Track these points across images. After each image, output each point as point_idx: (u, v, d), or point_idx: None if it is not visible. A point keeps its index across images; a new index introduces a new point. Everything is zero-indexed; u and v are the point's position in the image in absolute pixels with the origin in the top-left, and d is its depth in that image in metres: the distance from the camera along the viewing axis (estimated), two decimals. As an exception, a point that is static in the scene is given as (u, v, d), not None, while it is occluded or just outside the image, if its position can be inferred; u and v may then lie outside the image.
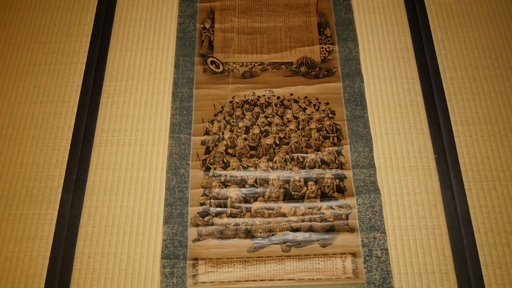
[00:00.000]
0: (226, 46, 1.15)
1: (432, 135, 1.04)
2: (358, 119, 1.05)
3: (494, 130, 1.04)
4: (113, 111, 1.07)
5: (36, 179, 1.01)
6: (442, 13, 1.19)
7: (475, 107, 1.07)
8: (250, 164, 1.00)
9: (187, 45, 1.14)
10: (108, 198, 0.98)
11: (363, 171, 0.99)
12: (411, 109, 1.07)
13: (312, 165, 1.00)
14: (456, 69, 1.11)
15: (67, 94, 1.10)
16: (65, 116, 1.07)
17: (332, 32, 1.16)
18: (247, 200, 0.97)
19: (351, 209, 0.96)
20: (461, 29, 1.16)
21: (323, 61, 1.12)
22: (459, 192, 0.97)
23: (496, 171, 1.00)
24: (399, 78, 1.10)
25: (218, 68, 1.12)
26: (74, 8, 1.21)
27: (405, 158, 1.01)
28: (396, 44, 1.15)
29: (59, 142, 1.04)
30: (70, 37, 1.17)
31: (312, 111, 1.06)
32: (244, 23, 1.18)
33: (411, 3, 1.20)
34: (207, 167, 1.00)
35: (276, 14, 1.19)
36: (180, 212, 0.96)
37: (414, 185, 0.99)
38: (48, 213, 0.97)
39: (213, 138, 1.03)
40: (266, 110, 1.07)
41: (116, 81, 1.11)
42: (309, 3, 1.21)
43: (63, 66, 1.13)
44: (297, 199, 0.97)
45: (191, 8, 1.20)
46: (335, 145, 1.02)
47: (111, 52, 1.15)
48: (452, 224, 0.94)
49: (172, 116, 1.06)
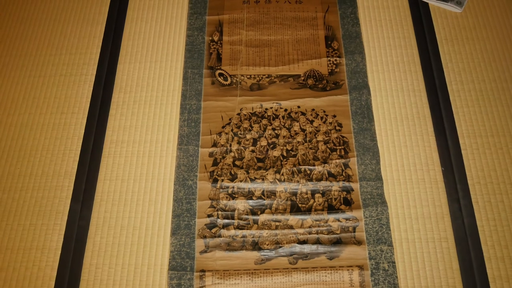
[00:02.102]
0: (234, 59, 1.16)
1: (439, 147, 1.04)
2: (365, 131, 1.05)
3: (501, 143, 1.04)
4: (122, 123, 1.08)
5: (45, 190, 1.01)
6: (448, 26, 1.19)
7: (482, 119, 1.07)
8: (258, 176, 1.01)
9: (196, 57, 1.15)
10: (116, 209, 0.99)
11: (370, 184, 0.99)
12: (418, 122, 1.07)
13: (319, 178, 1.00)
14: (463, 82, 1.11)
15: (77, 106, 1.11)
16: (75, 127, 1.08)
17: (339, 45, 1.17)
18: (254, 212, 0.97)
19: (358, 222, 0.96)
20: (467, 42, 1.17)
21: (330, 73, 1.13)
22: (466, 205, 0.97)
23: (504, 184, 0.99)
24: (406, 91, 1.11)
25: (226, 81, 1.12)
26: (84, 21, 1.23)
27: (412, 170, 1.02)
28: (403, 57, 1.15)
29: (68, 153, 1.05)
30: (80, 49, 1.18)
31: (319, 124, 1.07)
32: (252, 36, 1.19)
33: (418, 16, 1.20)
34: (214, 178, 1.01)
35: (284, 27, 1.20)
36: (187, 224, 0.96)
37: (421, 197, 0.99)
38: (57, 224, 0.98)
39: (221, 150, 1.04)
40: (274, 123, 1.07)
41: (125, 93, 1.12)
42: (317, 16, 1.21)
43: (73, 78, 1.14)
44: (304, 211, 0.97)
45: (199, 21, 1.21)
46: (342, 157, 1.03)
47: (120, 64, 1.16)
48: (459, 237, 0.94)
49: (180, 128, 1.06)
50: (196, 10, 1.23)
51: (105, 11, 1.24)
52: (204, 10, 1.23)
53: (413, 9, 1.22)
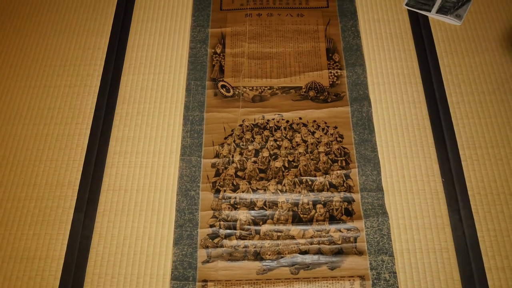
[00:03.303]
0: (236, 71, 1.17)
1: (439, 158, 1.04)
2: (366, 143, 1.06)
3: (501, 154, 1.05)
4: (125, 134, 1.09)
5: (49, 200, 1.02)
6: (448, 39, 1.20)
7: (482, 131, 1.07)
8: (259, 187, 1.02)
9: (199, 69, 1.17)
10: (119, 219, 0.99)
11: (371, 194, 1.00)
12: (419, 133, 1.08)
13: (321, 188, 1.01)
14: (463, 94, 1.12)
15: (81, 116, 1.12)
16: (78, 137, 1.09)
17: (340, 58, 1.18)
18: (256, 223, 0.98)
19: (359, 232, 0.96)
20: (467, 55, 1.18)
21: (331, 85, 1.14)
22: (466, 215, 0.98)
23: (504, 195, 1.00)
24: (407, 103, 1.12)
25: (228, 92, 1.14)
26: (89, 33, 1.24)
27: (412, 181, 1.02)
28: (403, 69, 1.16)
29: (72, 163, 1.06)
30: (85, 61, 1.20)
31: (320, 135, 1.07)
32: (254, 48, 1.20)
33: (417, 29, 1.22)
34: (217, 189, 1.02)
35: (286, 39, 1.22)
36: (190, 234, 0.97)
37: (422, 208, 0.99)
38: (60, 233, 0.98)
39: (223, 160, 1.05)
40: (275, 134, 1.08)
41: (128, 104, 1.13)
42: (318, 29, 1.23)
43: (77, 89, 1.16)
44: (306, 221, 0.98)
45: (202, 33, 1.22)
46: (343, 168, 1.03)
47: (124, 76, 1.17)
48: (460, 247, 0.95)
49: (183, 139, 1.07)
50: (199, 23, 1.24)
51: (110, 24, 1.25)
52: (207, 23, 1.24)
53: (413, 22, 1.23)
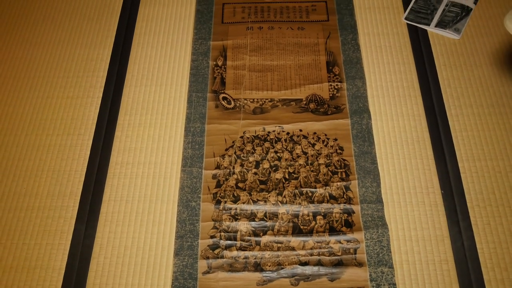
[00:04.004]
0: (237, 83, 1.18)
1: (439, 171, 1.05)
2: (366, 155, 1.07)
3: (499, 166, 1.05)
4: (127, 145, 1.10)
5: (50, 210, 1.02)
6: (447, 52, 1.21)
7: (481, 144, 1.08)
8: (260, 198, 1.02)
9: (200, 81, 1.18)
10: (120, 229, 1.00)
11: (371, 206, 1.01)
12: (418, 146, 1.08)
13: (321, 200, 1.02)
14: (462, 107, 1.13)
15: (83, 127, 1.13)
16: (80, 148, 1.10)
17: (341, 70, 1.19)
18: (257, 234, 0.98)
19: (359, 244, 0.97)
20: (465, 68, 1.19)
21: (331, 98, 1.15)
22: (465, 227, 0.98)
23: (503, 207, 1.00)
24: (406, 115, 1.12)
25: (229, 104, 1.14)
26: (92, 45, 1.25)
27: (412, 193, 1.03)
28: (403, 82, 1.17)
29: (74, 174, 1.07)
30: (87, 72, 1.21)
31: (320, 147, 1.08)
32: (255, 61, 1.22)
33: (417, 42, 1.23)
34: (217, 200, 1.02)
35: (286, 52, 1.23)
36: (190, 245, 0.97)
37: (421, 220, 1.00)
38: (61, 243, 0.99)
39: (224, 172, 1.05)
40: (276, 146, 1.09)
41: (130, 115, 1.14)
42: (318, 42, 1.24)
43: (79, 100, 1.17)
44: (306, 233, 0.98)
45: (204, 46, 1.24)
46: (343, 180, 1.04)
47: (126, 87, 1.18)
48: (459, 259, 0.95)
49: (184, 150, 1.08)
50: (201, 35, 1.26)
51: (112, 36, 1.27)
52: (209, 36, 1.25)
53: (412, 35, 1.25)
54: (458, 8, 1.28)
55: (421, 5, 1.29)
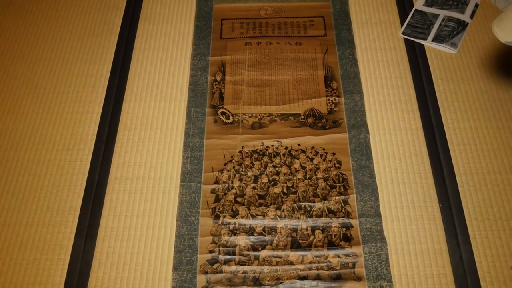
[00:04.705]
0: (236, 98, 1.19)
1: (437, 184, 1.05)
2: (364, 169, 1.07)
3: (497, 180, 1.06)
4: (126, 160, 1.10)
5: (49, 225, 1.03)
6: (444, 66, 1.22)
7: (478, 157, 1.09)
8: (259, 213, 1.02)
9: (199, 96, 1.19)
10: (119, 244, 1.00)
11: (369, 220, 1.01)
12: (416, 160, 1.09)
13: (319, 214, 1.02)
14: (459, 121, 1.14)
15: (83, 142, 1.13)
16: (80, 163, 1.10)
17: (338, 85, 1.20)
18: (255, 248, 0.98)
19: (357, 258, 0.97)
20: (462, 82, 1.20)
21: (329, 112, 1.16)
22: (464, 241, 0.98)
23: (501, 220, 1.01)
24: (404, 129, 1.13)
25: (228, 119, 1.15)
26: (92, 60, 1.26)
27: (410, 207, 1.03)
28: (400, 96, 1.18)
29: (73, 189, 1.07)
30: (87, 88, 1.22)
31: (319, 161, 1.09)
32: (254, 76, 1.23)
33: (414, 57, 1.24)
34: (216, 215, 1.02)
35: (284, 67, 1.24)
36: (189, 260, 0.97)
37: (419, 234, 1.00)
38: (61, 259, 0.99)
39: (223, 186, 1.06)
40: (274, 160, 1.09)
41: (130, 131, 1.14)
42: (316, 57, 1.25)
43: (79, 115, 1.17)
44: (305, 247, 0.98)
45: (203, 61, 1.25)
46: (342, 194, 1.04)
47: (125, 103, 1.19)
48: (458, 273, 0.95)
49: (183, 165, 1.09)
50: (199, 51, 1.27)
51: (112, 51, 1.28)
52: (208, 51, 1.27)
53: (409, 50, 1.26)
54: (455, 23, 1.29)
55: (418, 20, 1.30)
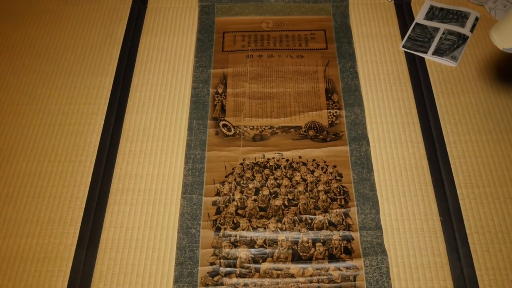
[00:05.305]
0: (237, 110, 1.19)
1: (437, 197, 1.05)
2: (365, 181, 1.08)
3: (498, 193, 1.06)
4: (128, 171, 1.11)
5: (51, 236, 1.03)
6: (444, 79, 1.23)
7: (479, 170, 1.09)
8: (260, 225, 1.02)
9: (201, 108, 1.19)
10: (120, 256, 1.00)
11: (370, 233, 1.01)
12: (416, 172, 1.09)
13: (320, 227, 1.02)
14: (459, 133, 1.14)
15: (84, 154, 1.14)
16: (82, 175, 1.11)
17: (339, 98, 1.21)
18: (256, 261, 0.98)
19: (358, 271, 0.97)
20: (462, 95, 1.20)
21: (330, 125, 1.16)
22: (465, 254, 0.98)
23: (502, 233, 1.01)
24: (404, 142, 1.13)
25: (229, 131, 1.16)
26: (94, 72, 1.27)
27: (411, 220, 1.03)
28: (401, 109, 1.19)
29: (74, 200, 1.07)
30: (89, 100, 1.22)
31: (320, 174, 1.09)
32: (255, 88, 1.23)
33: (414, 70, 1.25)
34: (217, 227, 1.03)
35: (286, 80, 1.24)
36: (190, 272, 0.97)
37: (420, 247, 1.00)
38: (61, 270, 0.99)
39: (224, 199, 1.06)
40: (276, 172, 1.10)
41: (131, 142, 1.15)
42: (317, 70, 1.26)
43: (81, 127, 1.18)
44: (305, 260, 0.98)
45: (205, 74, 1.26)
46: (343, 207, 1.04)
47: (127, 115, 1.19)
48: (459, 286, 0.95)
49: (185, 177, 1.09)
50: (201, 63, 1.27)
51: (114, 64, 1.29)
52: (209, 64, 1.27)
53: (410, 63, 1.26)
54: (455, 36, 1.30)
55: (418, 33, 1.31)
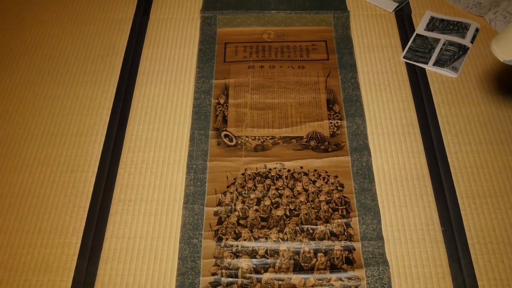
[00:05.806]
0: (239, 121, 1.20)
1: (439, 208, 1.05)
2: (366, 192, 1.08)
3: (499, 203, 1.06)
4: (130, 181, 1.11)
5: (53, 246, 1.03)
6: (445, 90, 1.24)
7: (480, 180, 1.09)
8: (261, 235, 1.02)
9: (202, 119, 1.20)
10: (122, 266, 1.00)
11: (371, 243, 1.01)
12: (418, 183, 1.09)
13: (322, 237, 1.02)
14: (460, 144, 1.14)
15: (87, 164, 1.14)
16: (84, 185, 1.11)
17: (341, 108, 1.21)
18: (258, 271, 0.98)
19: (360, 281, 0.96)
20: (463, 106, 1.21)
21: (332, 135, 1.17)
22: (466, 264, 0.98)
23: (503, 244, 1.00)
24: (405, 152, 1.14)
25: (231, 142, 1.16)
26: (96, 83, 1.28)
27: (412, 230, 1.03)
28: (402, 120, 1.19)
29: (76, 210, 1.07)
30: (92, 110, 1.23)
31: (321, 184, 1.09)
32: (257, 99, 1.24)
33: (415, 81, 1.25)
34: (219, 237, 1.03)
35: (287, 90, 1.25)
36: (192, 282, 0.97)
37: (422, 257, 1.00)
38: (63, 280, 0.98)
39: (226, 209, 1.06)
40: (277, 183, 1.10)
41: (133, 153, 1.15)
42: (318, 81, 1.27)
43: (83, 137, 1.18)
44: (307, 270, 0.98)
45: (206, 84, 1.26)
46: (344, 217, 1.04)
47: (129, 125, 1.20)
48: (461, 297, 0.95)
49: (187, 187, 1.09)
50: (203, 74, 1.28)
51: (117, 74, 1.29)
52: (211, 75, 1.28)
53: (410, 74, 1.27)
54: (456, 47, 1.30)
55: (419, 44, 1.32)
